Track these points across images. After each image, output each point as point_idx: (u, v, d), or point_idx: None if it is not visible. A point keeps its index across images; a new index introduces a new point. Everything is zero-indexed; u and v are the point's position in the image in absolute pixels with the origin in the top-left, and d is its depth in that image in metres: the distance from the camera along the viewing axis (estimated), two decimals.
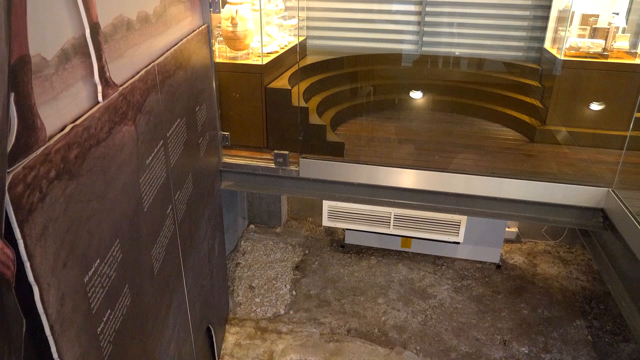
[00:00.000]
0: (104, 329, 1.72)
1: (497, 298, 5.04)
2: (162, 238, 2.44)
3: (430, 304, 4.94)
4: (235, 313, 4.71)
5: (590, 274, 5.40)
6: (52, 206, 1.38)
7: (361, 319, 4.73)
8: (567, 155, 4.49)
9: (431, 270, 5.46)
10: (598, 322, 4.70)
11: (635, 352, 4.31)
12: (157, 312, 2.37)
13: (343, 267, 5.51)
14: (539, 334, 4.57)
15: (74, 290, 1.51)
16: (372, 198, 4.02)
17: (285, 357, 4.07)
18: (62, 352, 1.41)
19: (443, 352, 4.36)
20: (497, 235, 5.32)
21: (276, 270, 5.37)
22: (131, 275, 1.99)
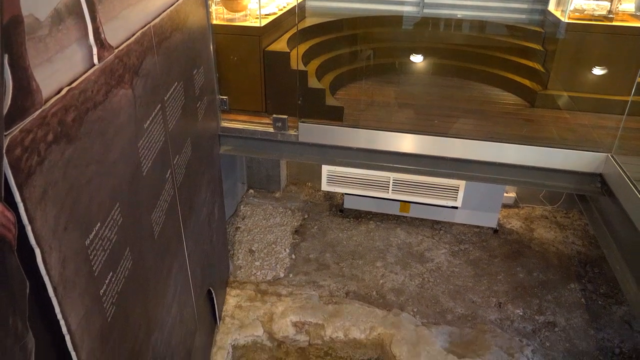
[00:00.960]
0: (106, 291, 1.75)
1: (493, 262, 5.11)
2: (162, 202, 2.45)
3: (428, 268, 5.01)
4: (236, 276, 4.78)
5: (586, 238, 5.46)
6: (51, 170, 1.38)
7: (360, 282, 4.81)
8: (568, 120, 4.46)
9: (429, 234, 5.51)
10: (592, 285, 4.79)
11: (627, 315, 4.40)
12: (159, 274, 2.41)
13: (342, 231, 5.56)
14: (533, 296, 4.66)
15: (75, 253, 1.52)
16: (371, 163, 4.02)
17: (284, 319, 4.16)
18: (66, 313, 1.44)
19: (439, 314, 4.45)
20: (495, 200, 5.35)
21: (276, 234, 5.42)
22: (132, 239, 2.01)
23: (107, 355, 1.74)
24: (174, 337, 2.68)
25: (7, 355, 1.18)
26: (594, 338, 4.21)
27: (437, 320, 4.37)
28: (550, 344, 4.15)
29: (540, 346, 4.12)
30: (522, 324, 4.35)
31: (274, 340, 4.15)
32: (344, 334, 4.08)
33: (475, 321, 4.37)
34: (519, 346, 3.97)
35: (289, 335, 4.11)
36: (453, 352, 3.86)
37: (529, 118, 4.51)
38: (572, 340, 4.19)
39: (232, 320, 4.17)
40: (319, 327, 4.14)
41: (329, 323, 4.13)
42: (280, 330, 4.10)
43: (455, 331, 4.18)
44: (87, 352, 1.57)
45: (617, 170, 3.47)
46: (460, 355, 3.83)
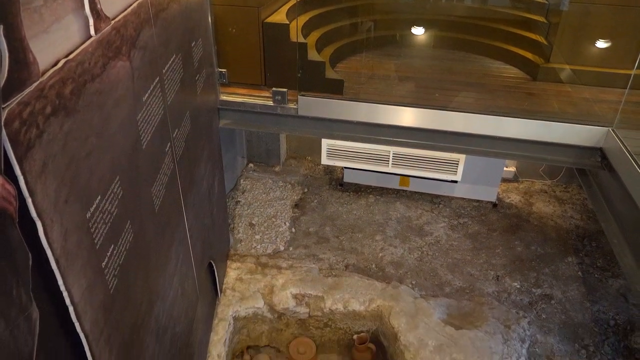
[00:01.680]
0: (108, 263, 1.76)
1: (492, 235, 5.15)
2: (162, 176, 2.45)
3: (427, 241, 5.05)
4: (236, 249, 4.83)
5: (584, 212, 5.49)
6: (50, 143, 1.37)
7: (359, 255, 4.86)
8: (570, 93, 4.43)
9: (428, 208, 5.54)
10: (589, 259, 4.83)
11: (622, 288, 4.46)
12: (160, 247, 2.43)
13: (341, 205, 5.58)
14: (531, 269, 4.71)
15: (76, 225, 1.53)
16: (371, 136, 4.01)
17: (285, 291, 4.21)
18: (68, 284, 1.46)
19: (437, 287, 4.51)
20: (495, 174, 5.36)
21: (276, 208, 5.44)
22: (132, 212, 2.02)
23: (111, 326, 1.77)
24: (175, 308, 2.72)
25: (12, 325, 1.20)
26: (589, 310, 4.28)
27: (436, 292, 4.43)
28: (547, 315, 4.22)
29: (536, 318, 4.18)
30: (519, 296, 4.41)
31: (274, 312, 4.22)
32: (343, 306, 4.14)
33: (473, 294, 4.43)
34: (516, 318, 4.04)
35: (289, 307, 4.17)
36: (450, 323, 3.93)
37: (530, 91, 4.48)
38: (568, 313, 4.26)
39: (233, 293, 4.22)
40: (318, 299, 4.19)
41: (329, 295, 4.19)
42: (280, 302, 4.16)
43: (453, 303, 4.25)
44: (91, 323, 1.59)
45: (618, 144, 3.46)
46: (458, 326, 3.90)
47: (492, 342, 3.73)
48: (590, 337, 4.04)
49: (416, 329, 3.84)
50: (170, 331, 2.60)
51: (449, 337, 3.77)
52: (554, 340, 3.99)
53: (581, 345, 3.98)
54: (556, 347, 3.93)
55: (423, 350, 3.67)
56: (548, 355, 3.85)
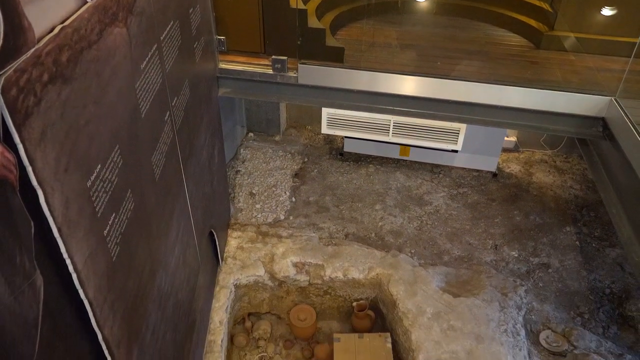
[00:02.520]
0: (110, 231, 1.78)
1: (491, 205, 5.17)
2: (162, 144, 2.45)
3: (426, 211, 5.08)
4: (237, 218, 4.86)
5: (584, 183, 5.50)
6: (48, 111, 1.36)
7: (359, 224, 4.89)
8: (573, 62, 4.38)
9: (428, 178, 5.55)
10: (587, 228, 4.87)
11: (619, 257, 4.51)
12: (161, 216, 2.44)
13: (342, 174, 5.59)
14: (529, 239, 4.75)
15: (77, 194, 1.53)
16: (371, 105, 3.98)
17: (285, 260, 4.26)
18: (71, 252, 1.47)
19: (436, 255, 4.56)
20: (496, 144, 5.34)
21: (276, 177, 5.45)
22: (133, 181, 2.02)
23: (114, 293, 1.79)
24: (177, 276, 2.76)
25: (17, 292, 1.22)
26: (586, 279, 4.34)
27: (434, 261, 4.48)
28: (544, 284, 4.28)
29: (533, 286, 4.24)
30: (516, 265, 4.47)
31: (275, 280, 4.28)
32: (343, 274, 4.19)
33: (471, 262, 4.48)
34: (513, 286, 4.10)
35: (290, 275, 4.23)
36: (448, 291, 3.99)
37: (533, 60, 4.42)
38: (565, 281, 4.32)
39: (234, 261, 4.27)
40: (318, 268, 4.25)
41: (329, 264, 4.24)
42: (281, 271, 4.21)
43: (451, 272, 4.30)
44: (94, 290, 1.62)
45: (620, 114, 3.44)
46: (456, 294, 3.96)
47: (489, 310, 3.80)
48: (585, 305, 4.11)
49: (414, 296, 3.90)
50: (172, 298, 2.65)
51: (446, 304, 3.84)
52: (550, 307, 4.06)
53: (576, 312, 4.05)
54: (552, 314, 4.00)
55: (421, 317, 3.74)
56: (544, 322, 3.92)
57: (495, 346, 3.53)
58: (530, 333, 3.83)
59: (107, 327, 1.73)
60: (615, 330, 3.94)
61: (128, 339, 1.94)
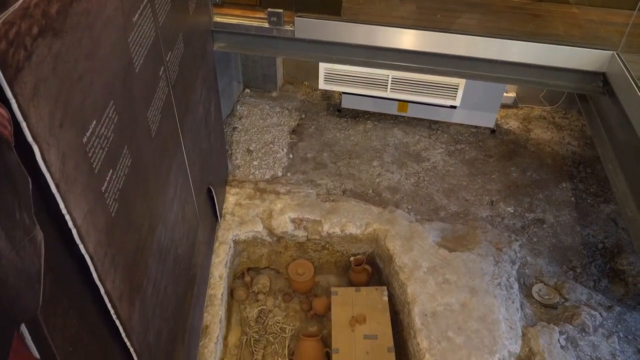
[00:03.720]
0: (107, 187, 1.78)
1: (488, 161, 5.18)
2: (157, 100, 2.42)
3: (424, 167, 5.09)
4: (235, 175, 4.87)
5: (582, 139, 5.49)
6: (40, 65, 1.34)
7: (356, 180, 4.91)
8: (576, 15, 4.28)
9: (426, 134, 5.53)
10: (583, 184, 4.90)
11: (613, 212, 4.56)
12: (158, 172, 2.44)
13: (339, 131, 5.56)
14: (525, 195, 4.79)
15: (73, 150, 1.53)
16: (370, 60, 3.91)
17: (283, 216, 4.30)
18: (70, 208, 1.48)
19: (433, 211, 4.61)
20: (495, 100, 5.29)
21: (273, 134, 5.43)
22: (129, 137, 2.01)
23: (114, 247, 1.82)
24: (177, 231, 2.79)
25: (18, 247, 1.24)
26: (579, 234, 4.41)
27: (431, 217, 4.53)
28: (538, 239, 4.35)
29: (527, 241, 4.31)
30: (512, 220, 4.52)
31: (273, 235, 4.33)
32: (340, 229, 4.25)
33: (467, 218, 4.54)
34: (508, 241, 4.16)
35: (288, 231, 4.28)
36: (444, 246, 4.06)
37: (535, 13, 4.32)
38: (559, 236, 4.38)
39: (232, 217, 4.31)
40: (316, 224, 4.30)
41: (326, 219, 4.28)
42: (279, 226, 4.26)
43: (447, 227, 4.36)
44: (95, 245, 1.64)
45: (621, 68, 3.40)
46: (451, 249, 4.02)
47: (484, 264, 3.87)
48: (578, 259, 4.19)
49: (411, 251, 3.97)
50: (172, 253, 2.69)
51: (442, 259, 3.91)
52: (543, 262, 4.14)
53: (569, 266, 4.14)
54: (545, 268, 4.09)
55: (417, 272, 3.82)
56: (537, 276, 4.01)
57: (489, 299, 3.63)
58: (523, 286, 3.92)
59: (109, 280, 1.76)
60: (606, 284, 4.04)
61: (130, 292, 1.98)
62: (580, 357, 3.38)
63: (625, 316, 3.66)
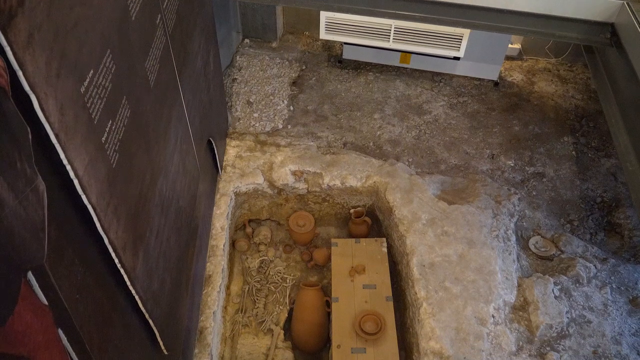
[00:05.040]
0: (108, 138, 1.78)
1: (490, 115, 5.14)
2: (155, 50, 2.37)
3: (425, 120, 5.06)
4: (235, 127, 4.84)
5: (586, 92, 5.42)
6: (33, 12, 1.30)
7: (357, 133, 4.89)
8: None
9: (428, 86, 5.45)
10: (585, 138, 4.88)
11: (613, 167, 4.57)
12: (158, 124, 2.43)
13: (340, 83, 5.48)
14: (526, 148, 4.78)
15: (72, 100, 1.51)
16: (372, 8, 3.80)
17: (284, 168, 4.31)
18: (71, 158, 1.48)
19: (433, 164, 4.61)
20: (499, 51, 5.18)
21: (273, 85, 5.35)
22: (127, 87, 1.99)
23: (117, 198, 1.83)
24: (178, 183, 2.81)
25: (21, 196, 1.24)
26: (578, 188, 4.43)
27: (431, 170, 4.54)
28: (537, 192, 4.38)
29: (526, 195, 4.34)
30: (512, 174, 4.53)
31: (274, 188, 4.36)
32: (341, 182, 4.27)
33: (468, 171, 4.55)
34: (507, 194, 4.19)
35: (289, 183, 4.30)
36: (444, 199, 4.09)
37: None
38: (558, 190, 4.41)
39: (233, 170, 4.32)
40: (317, 176, 4.31)
41: (327, 172, 4.29)
42: (279, 179, 4.28)
43: (447, 180, 4.37)
44: (97, 195, 1.65)
45: (631, 19, 3.31)
46: (450, 202, 4.06)
47: (483, 216, 3.91)
48: (576, 213, 4.24)
49: (410, 203, 4.00)
50: (174, 204, 2.71)
51: (441, 211, 3.95)
52: (541, 215, 4.19)
53: (566, 220, 4.19)
54: (543, 221, 4.14)
55: (416, 224, 3.87)
56: (534, 229, 4.06)
57: (486, 250, 3.69)
58: (520, 239, 3.98)
59: (112, 231, 1.78)
60: (602, 237, 4.10)
61: (133, 243, 2.02)
62: (573, 307, 3.48)
63: (619, 268, 3.74)
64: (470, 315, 3.34)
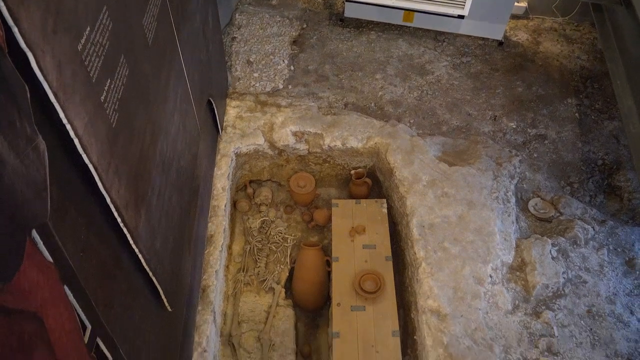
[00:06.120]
0: (107, 97, 1.76)
1: (494, 75, 5.07)
2: (152, 7, 2.31)
3: (428, 80, 4.99)
4: (235, 88, 4.78)
5: (592, 53, 5.32)
6: None
7: (358, 93, 4.84)
8: None
9: (431, 46, 5.36)
10: (589, 100, 4.83)
11: (616, 129, 4.54)
12: (157, 83, 2.40)
13: (342, 42, 5.38)
14: (529, 110, 4.74)
15: (69, 58, 1.49)
16: None
17: (284, 129, 4.28)
18: (70, 117, 1.46)
19: (435, 125, 4.58)
20: (504, 9, 5.05)
21: (273, 44, 5.26)
22: (125, 45, 1.95)
23: (117, 158, 1.83)
24: (178, 143, 2.80)
25: (22, 155, 1.24)
26: (580, 150, 4.42)
27: (433, 131, 4.51)
28: (538, 155, 4.37)
29: (528, 157, 4.34)
30: (514, 136, 4.51)
31: (275, 148, 4.35)
32: (341, 143, 4.25)
33: (469, 133, 4.52)
34: (508, 156, 4.18)
35: (289, 144, 4.29)
36: (445, 160, 4.08)
37: None
38: (559, 152, 4.40)
39: (233, 130, 4.30)
40: (318, 137, 4.29)
41: (328, 133, 4.27)
42: (280, 140, 4.26)
43: (448, 141, 4.36)
44: (97, 155, 1.65)
45: None
46: (451, 163, 4.06)
47: (483, 178, 3.92)
48: (576, 175, 4.24)
49: (411, 165, 4.00)
50: (175, 164, 2.71)
51: (442, 172, 3.95)
52: (541, 177, 4.19)
53: (567, 182, 4.19)
54: (543, 183, 4.15)
55: (416, 185, 3.88)
56: (534, 191, 4.08)
57: (486, 212, 3.72)
58: (520, 200, 4.00)
59: (114, 190, 1.79)
60: (602, 199, 4.12)
61: (135, 202, 2.03)
62: (570, 268, 3.53)
63: (617, 230, 3.78)
64: (468, 275, 3.40)
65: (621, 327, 3.29)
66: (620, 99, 3.55)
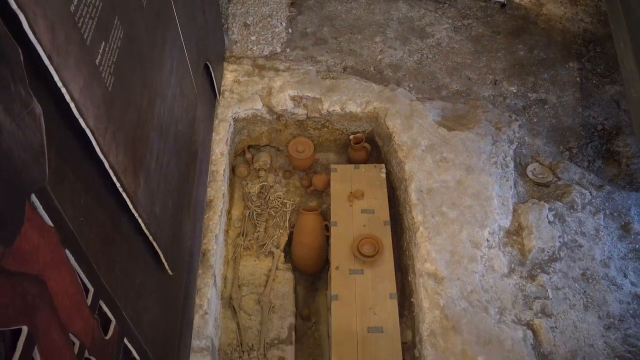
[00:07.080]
0: (102, 60, 1.73)
1: (495, 39, 4.99)
2: None
3: (428, 44, 4.91)
4: (232, 51, 4.71)
5: (595, 16, 5.22)
6: None
7: (357, 57, 4.77)
8: None
9: (432, 8, 5.24)
10: (590, 64, 4.77)
11: (617, 94, 4.50)
12: (153, 46, 2.36)
13: (340, 3, 5.26)
14: (530, 74, 4.68)
15: (62, 20, 1.45)
16: None
17: (283, 93, 4.24)
18: (65, 80, 1.45)
19: (435, 90, 4.54)
20: None
21: (270, 6, 5.14)
22: (119, 7, 1.91)
23: (115, 123, 1.81)
24: (176, 107, 2.77)
25: (18, 119, 1.23)
26: (580, 115, 4.39)
27: (432, 95, 4.47)
28: (538, 119, 4.35)
29: (527, 121, 4.31)
30: (514, 100, 4.48)
31: (273, 113, 4.31)
32: (340, 107, 4.22)
33: (469, 97, 4.48)
34: (507, 121, 4.16)
35: (288, 109, 4.26)
36: (444, 125, 4.06)
37: None
38: (559, 117, 4.37)
39: (231, 95, 4.26)
40: (316, 101, 4.26)
41: (326, 97, 4.23)
42: (278, 104, 4.23)
43: (448, 106, 4.32)
44: (94, 119, 1.63)
45: None
46: (451, 128, 4.04)
47: (482, 143, 3.91)
48: (575, 140, 4.23)
49: (410, 129, 3.98)
50: (173, 129, 2.70)
51: (441, 137, 3.94)
52: (540, 142, 4.18)
53: (566, 147, 4.19)
54: (542, 148, 4.14)
55: (415, 150, 3.88)
56: (533, 156, 4.08)
57: (484, 176, 3.73)
58: (518, 165, 4.01)
59: (112, 155, 1.79)
60: (600, 164, 4.13)
61: (134, 166, 2.03)
62: (566, 232, 3.57)
63: (614, 195, 3.80)
64: (465, 239, 3.44)
65: (614, 290, 3.35)
66: (623, 63, 3.50)
